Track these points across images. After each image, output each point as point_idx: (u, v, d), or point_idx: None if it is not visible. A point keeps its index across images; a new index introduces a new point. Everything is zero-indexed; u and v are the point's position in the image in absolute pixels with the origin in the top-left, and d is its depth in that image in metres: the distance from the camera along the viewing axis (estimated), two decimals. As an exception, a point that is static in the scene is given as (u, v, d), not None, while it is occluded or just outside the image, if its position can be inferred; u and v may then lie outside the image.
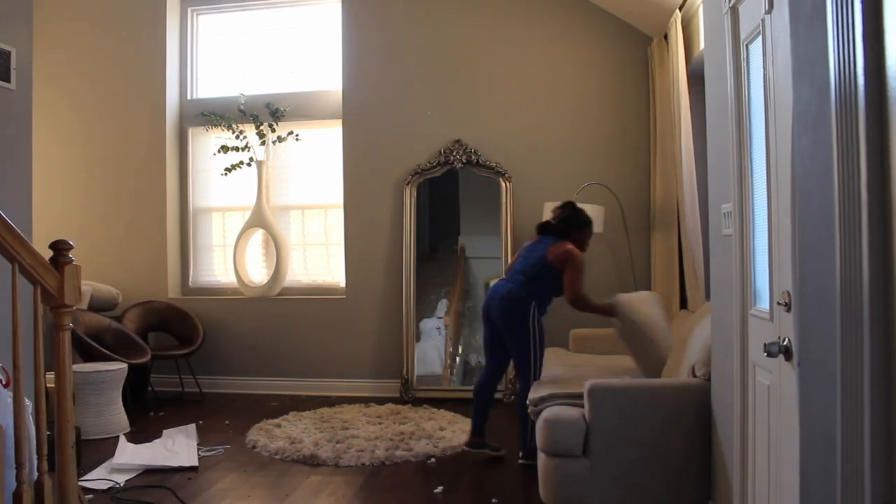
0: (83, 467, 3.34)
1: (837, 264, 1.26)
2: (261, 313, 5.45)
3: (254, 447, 3.92)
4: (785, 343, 1.78)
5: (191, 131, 5.77)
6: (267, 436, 4.08)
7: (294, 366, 5.41)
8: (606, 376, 3.50)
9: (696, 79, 3.81)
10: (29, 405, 2.21)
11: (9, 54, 3.33)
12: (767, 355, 1.82)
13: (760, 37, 2.04)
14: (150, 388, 5.12)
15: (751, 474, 2.24)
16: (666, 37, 4.54)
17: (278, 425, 4.30)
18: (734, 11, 2.31)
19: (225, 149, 5.43)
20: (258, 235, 5.64)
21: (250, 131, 5.44)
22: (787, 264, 1.80)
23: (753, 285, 2.23)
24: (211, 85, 5.84)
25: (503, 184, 5.15)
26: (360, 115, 5.38)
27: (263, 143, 5.45)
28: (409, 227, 5.25)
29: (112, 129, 5.67)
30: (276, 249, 5.45)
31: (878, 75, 1.16)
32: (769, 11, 1.94)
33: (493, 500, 3.11)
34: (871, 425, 1.17)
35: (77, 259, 2.27)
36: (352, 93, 5.40)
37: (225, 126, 5.41)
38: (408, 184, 5.26)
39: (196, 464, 3.59)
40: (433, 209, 5.41)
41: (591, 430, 2.81)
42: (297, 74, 5.68)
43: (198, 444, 3.93)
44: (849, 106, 1.21)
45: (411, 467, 3.58)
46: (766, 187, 2.04)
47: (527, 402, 3.22)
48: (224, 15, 5.85)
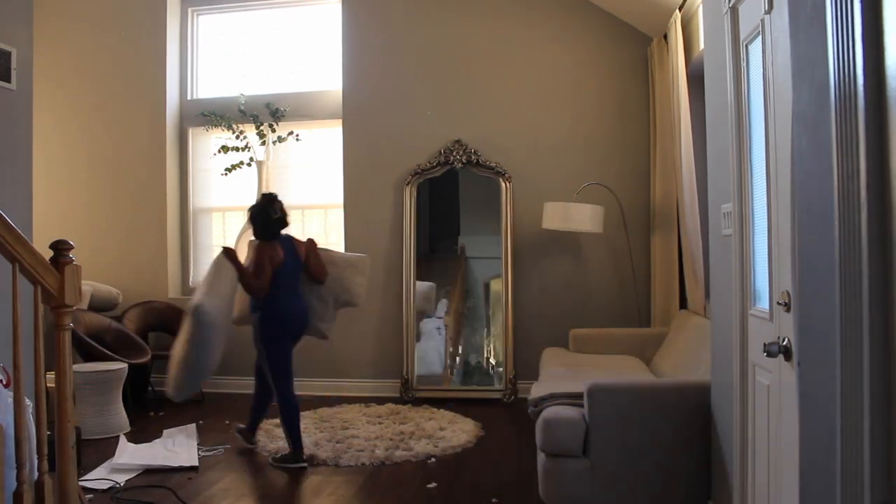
0: (83, 467, 3.34)
1: (837, 264, 1.26)
2: (261, 313, 5.44)
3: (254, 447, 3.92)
4: (785, 343, 1.79)
5: (191, 131, 5.77)
6: (267, 436, 4.08)
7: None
8: (606, 376, 3.50)
9: (696, 79, 3.81)
10: (29, 405, 2.21)
11: (9, 54, 3.33)
12: (767, 355, 1.82)
13: (760, 37, 2.04)
14: (150, 388, 5.12)
15: (751, 474, 2.24)
16: (666, 37, 4.54)
17: (278, 425, 4.29)
18: (734, 11, 2.31)
19: (225, 149, 5.43)
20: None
21: (250, 131, 5.44)
22: (787, 264, 1.80)
23: (753, 285, 2.23)
24: (211, 85, 5.84)
25: (503, 184, 5.15)
26: (360, 115, 5.38)
27: (263, 143, 5.45)
28: (409, 227, 5.25)
29: (112, 130, 5.67)
30: (276, 249, 5.44)
31: (878, 75, 1.16)
32: (769, 12, 1.94)
33: (493, 500, 3.11)
34: (870, 425, 1.17)
35: (77, 259, 2.27)
36: (352, 93, 5.40)
37: (225, 126, 5.41)
38: (408, 184, 5.26)
39: (196, 464, 3.60)
40: (433, 209, 5.41)
41: (591, 430, 2.81)
42: (297, 74, 5.68)
43: (198, 444, 3.93)
44: (849, 106, 1.21)
45: (411, 467, 3.58)
46: (766, 187, 2.04)
47: (530, 402, 3.20)
48: (224, 15, 5.85)
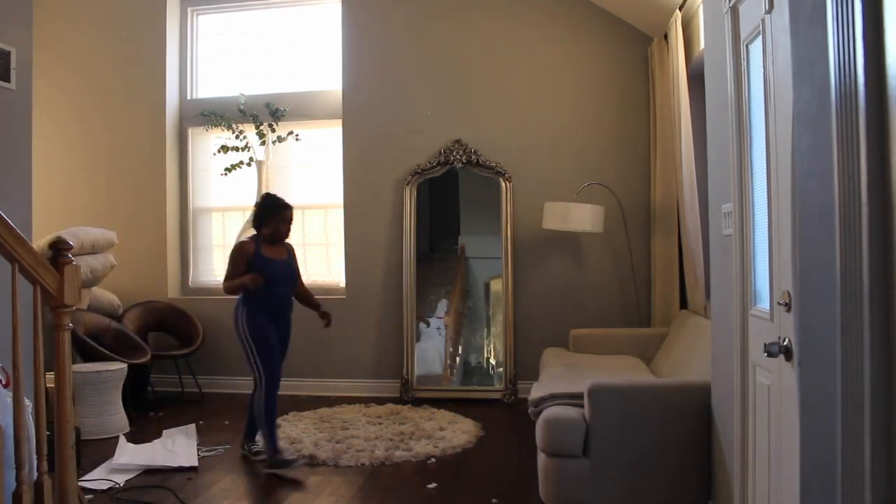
0: (83, 467, 3.34)
1: (837, 264, 1.26)
2: (261, 313, 5.44)
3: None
4: (785, 343, 1.78)
5: (191, 131, 5.76)
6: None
7: (294, 366, 5.38)
8: (606, 376, 3.49)
9: (696, 79, 3.80)
10: (29, 405, 2.21)
11: (9, 54, 3.33)
12: (767, 355, 1.82)
13: (760, 37, 2.04)
14: (149, 388, 5.12)
15: (751, 474, 2.24)
16: (666, 37, 4.54)
17: (278, 425, 4.29)
18: (734, 11, 2.31)
19: (225, 149, 5.43)
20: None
21: (250, 131, 5.43)
22: (787, 264, 1.80)
23: (753, 285, 2.23)
24: (211, 85, 5.84)
25: (503, 184, 5.14)
26: (360, 115, 5.38)
27: (263, 143, 5.45)
28: (409, 227, 5.25)
29: (112, 129, 5.67)
30: (276, 249, 5.44)
31: (878, 75, 1.16)
32: (769, 11, 1.94)
33: (493, 500, 3.11)
34: (871, 425, 1.17)
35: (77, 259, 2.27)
36: (352, 93, 5.40)
37: (225, 126, 5.41)
38: (408, 184, 5.26)
39: (196, 464, 3.59)
40: (433, 209, 5.41)
41: (591, 430, 2.81)
42: (297, 74, 5.68)
43: (198, 444, 3.93)
44: (849, 106, 1.21)
45: (411, 467, 3.58)
46: (766, 187, 2.04)
47: (530, 402, 3.20)
48: (224, 15, 5.84)
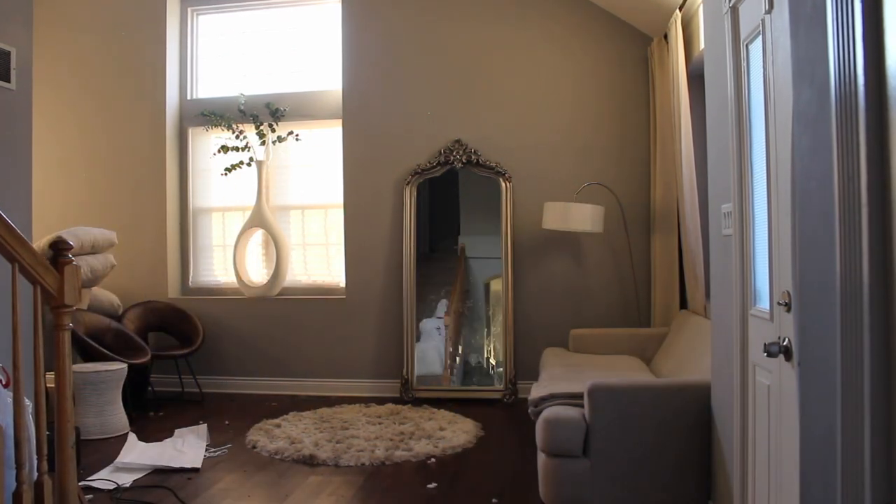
0: (83, 467, 3.34)
1: (837, 264, 1.26)
2: (261, 313, 5.45)
3: (254, 447, 3.92)
4: (785, 343, 1.78)
5: (191, 131, 5.77)
6: (267, 436, 4.08)
7: (294, 366, 5.41)
8: (606, 376, 3.49)
9: (696, 79, 3.81)
10: (29, 405, 2.21)
11: (9, 54, 3.33)
12: (767, 355, 1.82)
13: (760, 37, 2.04)
14: (150, 388, 5.12)
15: (751, 474, 2.24)
16: (666, 37, 4.54)
17: (278, 425, 4.30)
18: (734, 11, 2.31)
19: (225, 149, 5.43)
20: (258, 235, 5.64)
21: (250, 131, 5.44)
22: (787, 264, 1.80)
23: (753, 285, 2.23)
24: (211, 85, 5.84)
25: (503, 184, 5.15)
26: (360, 115, 5.38)
27: (263, 143, 5.45)
28: (409, 227, 5.25)
29: (112, 129, 5.67)
30: (276, 249, 5.45)
31: (878, 75, 1.16)
32: (769, 11, 1.94)
33: (493, 500, 3.11)
34: (871, 425, 1.17)
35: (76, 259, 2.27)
36: (352, 93, 5.40)
37: (225, 126, 5.41)
38: (408, 184, 5.26)
39: (199, 465, 3.59)
40: (433, 209, 5.41)
41: (591, 430, 2.81)
42: (297, 74, 5.68)
43: (207, 445, 3.93)
44: (849, 106, 1.21)
45: (411, 467, 3.58)
46: (766, 187, 2.04)
47: (530, 402, 3.20)
48: (224, 15, 5.84)
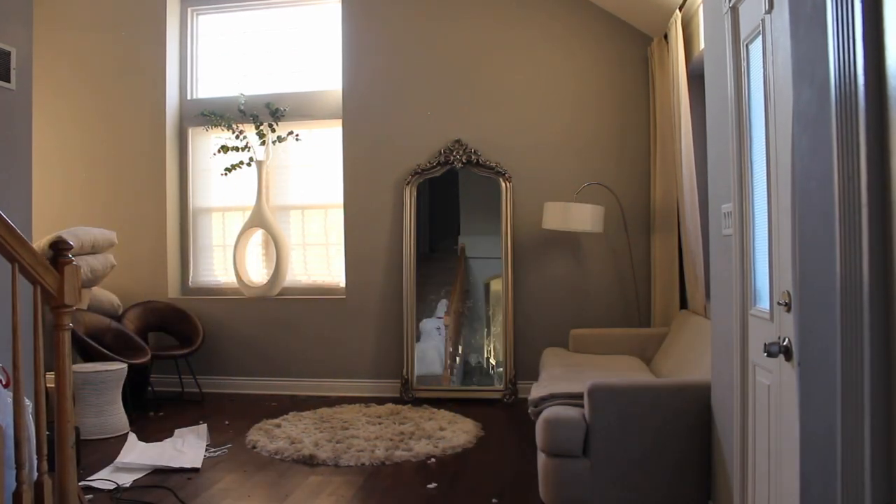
0: (83, 467, 3.34)
1: (837, 264, 1.26)
2: (261, 313, 5.45)
3: (254, 447, 3.92)
4: (785, 343, 1.78)
5: (191, 131, 5.77)
6: (267, 436, 4.08)
7: (294, 366, 5.41)
8: (606, 376, 3.50)
9: (696, 79, 3.81)
10: (29, 405, 2.21)
11: (9, 54, 3.33)
12: (767, 355, 1.82)
13: (760, 37, 2.04)
14: (149, 388, 5.12)
15: (751, 474, 2.24)
16: (666, 37, 4.54)
17: (278, 425, 4.30)
18: (734, 11, 2.31)
19: (225, 149, 5.43)
20: (258, 235, 5.64)
21: (250, 131, 5.43)
22: (787, 264, 1.80)
23: (753, 285, 2.23)
24: (211, 85, 5.84)
25: (503, 184, 5.14)
26: (360, 115, 5.38)
27: (263, 143, 5.45)
28: (409, 227, 5.25)
29: (112, 129, 5.67)
30: (276, 249, 5.45)
31: (878, 75, 1.16)
32: (769, 11, 1.94)
33: (493, 500, 3.11)
34: (871, 425, 1.17)
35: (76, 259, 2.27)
36: (352, 93, 5.40)
37: (225, 126, 5.41)
38: (408, 184, 5.26)
39: (199, 465, 3.59)
40: (433, 209, 5.41)
41: (591, 430, 2.81)
42: (297, 74, 5.68)
43: (207, 445, 3.93)
44: (849, 106, 1.21)
45: (411, 467, 3.58)
46: (766, 187, 2.04)
47: (530, 402, 3.20)
48: (224, 15, 5.84)
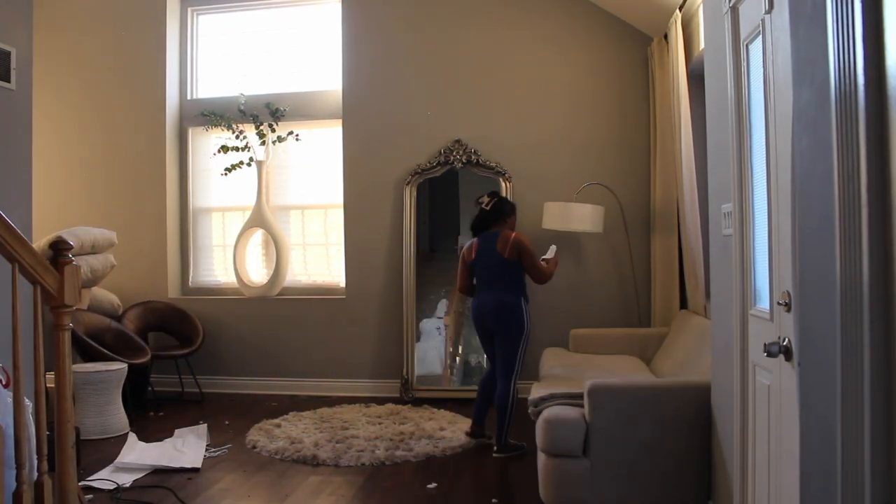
0: (83, 467, 3.34)
1: (837, 264, 1.26)
2: (261, 313, 5.45)
3: (254, 447, 3.92)
4: (785, 343, 1.78)
5: (191, 131, 5.77)
6: (267, 436, 4.08)
7: (294, 366, 5.41)
8: (606, 376, 3.50)
9: (696, 79, 3.81)
10: (29, 405, 2.21)
11: (9, 54, 3.33)
12: (767, 355, 1.82)
13: (760, 37, 2.04)
14: (149, 388, 5.12)
15: (751, 474, 2.24)
16: (666, 37, 4.54)
17: (278, 425, 4.30)
18: (734, 11, 2.31)
19: (225, 149, 5.43)
20: (258, 235, 5.64)
21: (250, 131, 5.44)
22: (787, 264, 1.80)
23: (753, 285, 2.23)
24: (211, 85, 5.84)
25: (503, 184, 5.14)
26: (360, 115, 5.38)
27: (263, 143, 5.45)
28: (409, 227, 5.25)
29: (112, 129, 5.67)
30: (276, 249, 5.45)
31: (878, 75, 1.16)
32: (769, 11, 1.94)
33: (493, 500, 3.11)
34: (871, 425, 1.17)
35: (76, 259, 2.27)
36: (352, 93, 5.40)
37: (225, 126, 5.41)
38: (408, 184, 5.26)
39: (199, 465, 3.59)
40: (433, 209, 5.41)
41: (591, 430, 2.81)
42: (297, 74, 5.68)
43: (207, 445, 3.93)
44: (849, 106, 1.21)
45: (411, 467, 3.58)
46: (766, 187, 2.04)
47: (530, 402, 3.21)
48: (224, 15, 5.84)
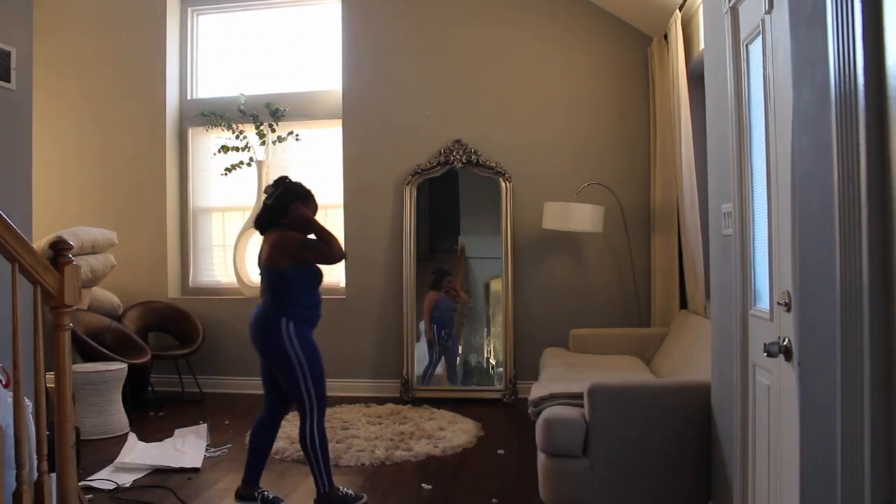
0: (83, 467, 3.33)
1: (837, 264, 1.26)
2: (261, 313, 5.44)
3: (254, 447, 3.91)
4: (785, 343, 1.78)
5: (191, 131, 5.77)
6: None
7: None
8: (606, 376, 3.49)
9: (696, 79, 3.81)
10: (29, 405, 2.21)
11: (9, 54, 3.33)
12: (767, 355, 1.82)
13: (760, 37, 2.04)
14: (150, 388, 5.12)
15: (751, 474, 2.24)
16: (666, 37, 4.54)
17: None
18: (734, 11, 2.31)
19: (225, 149, 5.43)
20: (258, 235, 5.62)
21: (250, 131, 5.43)
22: (787, 264, 1.80)
23: (753, 285, 2.23)
24: (211, 85, 5.84)
25: (503, 184, 5.14)
26: (360, 115, 5.38)
27: (263, 143, 5.45)
28: (409, 227, 5.25)
29: (112, 129, 5.67)
30: (276, 249, 5.44)
31: (878, 75, 1.16)
32: (769, 11, 1.94)
33: (493, 500, 3.11)
34: (871, 425, 1.17)
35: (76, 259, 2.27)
36: (352, 93, 5.39)
37: (225, 126, 5.41)
38: (408, 184, 5.26)
39: (199, 465, 3.59)
40: (433, 209, 5.41)
41: (591, 430, 2.80)
42: (297, 74, 5.68)
43: (207, 445, 3.92)
44: (849, 106, 1.21)
45: (411, 467, 3.58)
46: (766, 187, 2.04)
47: (530, 402, 3.21)
48: (224, 15, 5.84)
